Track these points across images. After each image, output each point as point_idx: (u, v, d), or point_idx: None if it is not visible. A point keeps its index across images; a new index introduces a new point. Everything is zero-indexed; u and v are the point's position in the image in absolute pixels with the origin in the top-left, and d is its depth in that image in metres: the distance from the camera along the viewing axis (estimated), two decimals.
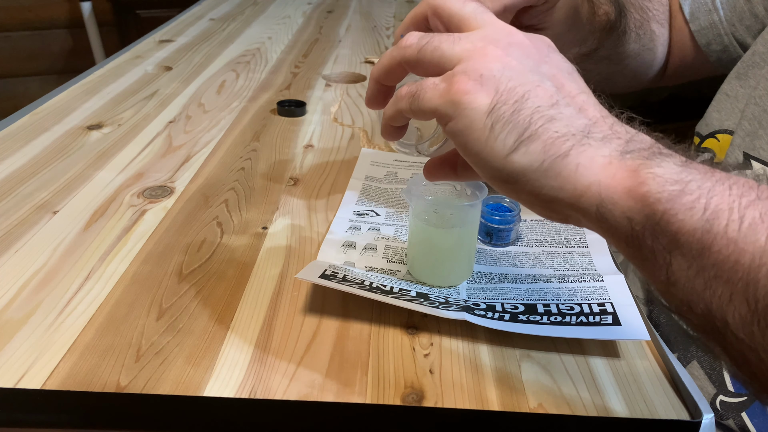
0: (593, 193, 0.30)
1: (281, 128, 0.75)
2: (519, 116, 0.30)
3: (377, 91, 0.38)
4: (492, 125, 0.31)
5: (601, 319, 0.41)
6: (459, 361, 0.39)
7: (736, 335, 0.27)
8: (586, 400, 0.37)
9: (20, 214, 0.54)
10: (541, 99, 0.31)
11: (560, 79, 0.33)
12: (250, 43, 1.11)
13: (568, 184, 0.30)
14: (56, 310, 0.42)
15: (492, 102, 0.31)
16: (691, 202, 0.27)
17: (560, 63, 0.34)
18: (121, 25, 2.09)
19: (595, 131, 0.31)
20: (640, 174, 0.29)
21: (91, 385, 0.36)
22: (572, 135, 0.30)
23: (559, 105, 0.31)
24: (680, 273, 0.28)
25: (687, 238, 0.27)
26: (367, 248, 0.51)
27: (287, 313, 0.43)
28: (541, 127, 0.30)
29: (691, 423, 0.35)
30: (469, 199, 0.47)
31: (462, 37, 0.33)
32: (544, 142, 0.30)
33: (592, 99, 0.33)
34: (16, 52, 2.13)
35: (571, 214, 0.31)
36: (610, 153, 0.30)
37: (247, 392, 0.36)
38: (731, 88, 0.58)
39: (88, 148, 0.67)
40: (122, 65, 0.96)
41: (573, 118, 0.31)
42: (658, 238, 0.28)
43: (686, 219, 0.27)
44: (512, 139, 0.30)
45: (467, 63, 0.32)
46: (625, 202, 0.29)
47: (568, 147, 0.30)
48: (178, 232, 0.52)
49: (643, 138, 0.31)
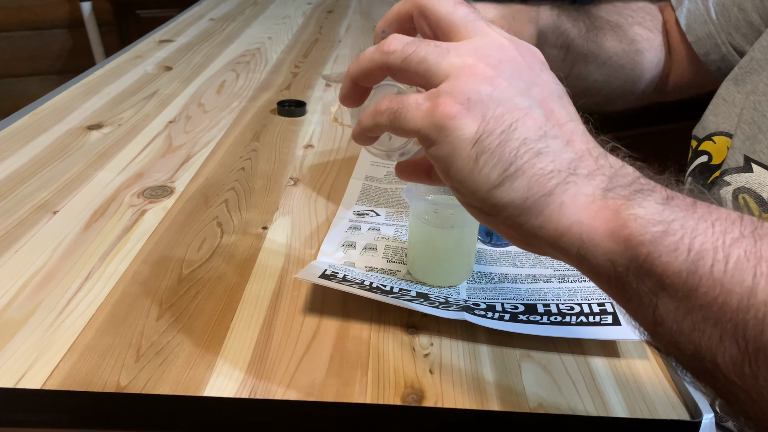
0: (574, 233, 0.29)
1: (281, 128, 0.75)
2: (505, 149, 0.29)
3: (353, 90, 0.36)
4: (477, 156, 0.29)
5: (601, 319, 0.42)
6: (459, 361, 0.39)
7: (727, 376, 0.27)
8: (586, 400, 0.37)
9: (20, 214, 0.54)
10: (529, 130, 0.30)
11: (550, 105, 0.31)
12: (250, 43, 1.11)
13: (550, 223, 0.29)
14: (56, 310, 0.42)
15: (478, 131, 0.29)
16: (675, 243, 0.27)
17: (551, 85, 0.32)
18: (121, 25, 2.09)
19: (581, 167, 0.30)
20: (621, 215, 0.28)
21: (91, 385, 0.36)
22: (558, 172, 0.29)
23: (546, 137, 0.30)
24: (667, 315, 0.28)
25: (672, 280, 0.27)
26: (367, 248, 0.51)
27: (287, 313, 0.43)
28: (526, 162, 0.29)
29: (691, 423, 0.35)
30: None
31: (450, 50, 0.31)
32: (529, 178, 0.29)
33: (580, 127, 0.32)
34: (16, 52, 2.13)
35: (550, 252, 0.31)
36: (593, 191, 0.29)
37: (247, 392, 0.36)
38: (728, 92, 0.58)
39: (88, 148, 0.67)
40: (122, 65, 0.96)
41: (560, 152, 0.30)
42: (642, 281, 0.28)
43: (671, 261, 0.27)
44: (496, 173, 0.29)
45: (454, 82, 0.30)
46: (606, 244, 0.28)
47: (552, 185, 0.29)
48: (178, 232, 0.52)
49: (626, 172, 0.30)
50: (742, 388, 0.27)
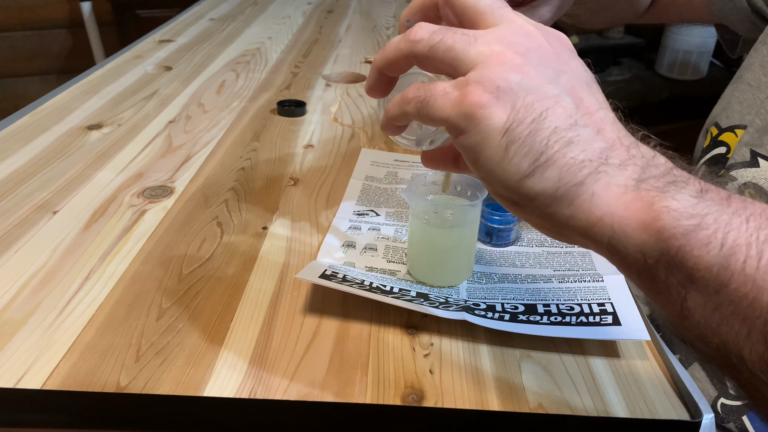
0: (605, 224, 0.28)
1: (281, 128, 0.75)
2: (536, 138, 0.29)
3: (379, 80, 0.36)
4: (507, 146, 0.29)
5: (601, 320, 0.42)
6: (459, 361, 0.39)
7: (752, 371, 0.27)
8: (586, 400, 0.37)
9: (20, 214, 0.54)
10: (560, 119, 0.29)
11: (579, 93, 0.31)
12: (250, 43, 1.11)
13: (581, 213, 0.29)
14: (56, 310, 0.42)
15: (508, 120, 0.29)
16: (708, 237, 0.26)
17: (580, 72, 0.32)
18: (121, 25, 2.09)
19: (612, 156, 0.29)
20: (654, 207, 0.27)
21: (91, 385, 0.36)
22: (589, 161, 0.29)
23: (577, 126, 0.29)
24: (695, 308, 0.27)
25: (703, 275, 0.27)
26: (367, 248, 0.51)
27: (287, 313, 0.43)
28: (557, 152, 0.29)
29: (691, 423, 0.35)
30: (469, 199, 0.47)
31: (478, 38, 0.31)
32: (560, 168, 0.29)
33: (610, 115, 0.31)
34: (16, 52, 2.13)
35: (580, 241, 0.30)
36: (625, 182, 0.29)
37: (247, 392, 0.36)
38: (754, 77, 0.56)
39: (88, 148, 0.67)
40: (122, 65, 0.96)
41: (591, 141, 0.29)
42: (672, 273, 0.27)
43: (702, 255, 0.26)
44: (527, 163, 0.29)
45: (483, 70, 0.30)
46: (638, 236, 0.28)
47: (584, 175, 0.29)
48: (178, 232, 0.52)
49: (659, 162, 0.30)
50: (767, 384, 0.27)
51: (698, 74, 2.45)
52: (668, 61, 2.46)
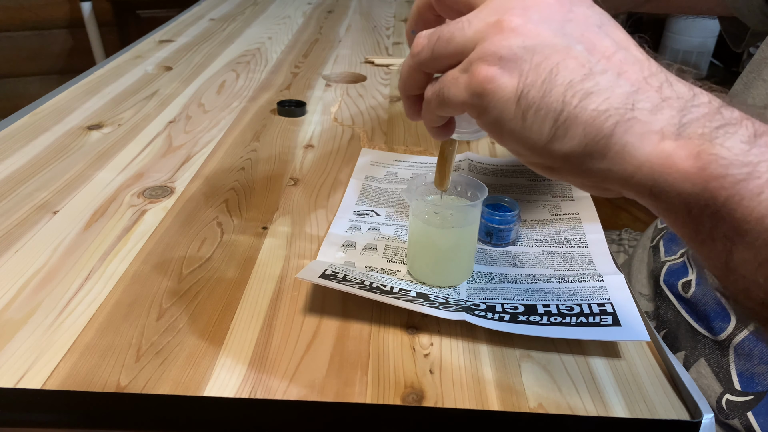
0: (645, 173, 0.27)
1: (281, 128, 0.75)
2: (550, 98, 0.27)
3: (411, 103, 0.36)
4: (523, 114, 0.28)
5: (601, 320, 0.41)
6: (459, 361, 0.39)
7: None
8: (586, 400, 0.37)
9: (20, 214, 0.54)
10: (572, 71, 0.28)
11: (590, 38, 0.29)
12: (250, 43, 1.11)
13: (616, 164, 0.27)
14: (56, 310, 0.42)
15: (518, 87, 0.28)
16: (760, 186, 0.25)
17: (587, 15, 0.30)
18: (121, 25, 2.09)
19: (641, 100, 0.27)
20: (701, 157, 0.25)
21: (91, 385, 0.36)
22: (615, 109, 0.27)
23: (593, 74, 0.28)
24: (743, 262, 0.26)
25: (753, 227, 0.25)
26: (367, 248, 0.51)
27: (287, 313, 0.43)
28: (577, 106, 0.27)
29: (691, 423, 0.35)
30: (469, 199, 0.47)
31: (472, 17, 0.30)
32: (584, 123, 0.27)
33: (631, 54, 0.29)
34: (16, 52, 2.13)
35: (625, 191, 0.29)
36: (662, 128, 0.26)
37: (247, 392, 0.36)
38: None
39: (88, 148, 0.67)
40: (122, 65, 0.96)
41: (613, 88, 0.27)
42: (718, 225, 0.26)
43: (754, 206, 0.25)
44: (548, 126, 0.28)
45: (483, 45, 0.29)
46: (681, 185, 0.26)
47: (611, 125, 0.27)
48: (178, 232, 0.52)
49: (701, 101, 0.27)
50: None
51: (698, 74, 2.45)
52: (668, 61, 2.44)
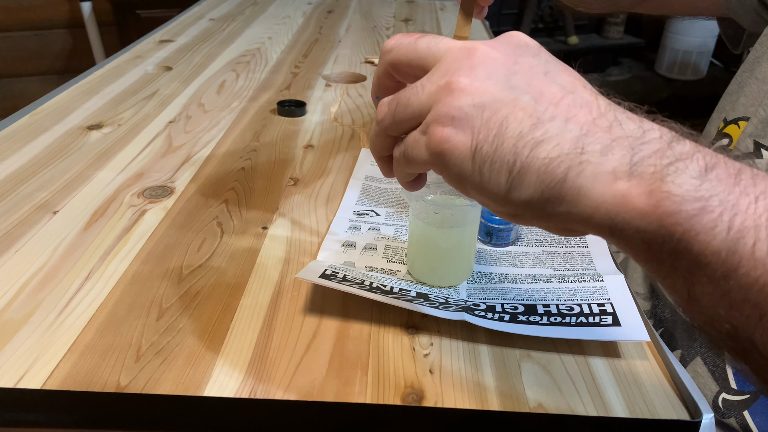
0: (602, 213, 0.28)
1: (281, 128, 0.75)
2: (503, 151, 0.29)
3: (384, 163, 0.37)
4: (480, 168, 0.29)
5: (600, 320, 0.42)
6: (459, 361, 0.39)
7: (764, 355, 0.26)
8: (586, 400, 0.37)
9: (20, 214, 0.54)
10: (521, 122, 0.29)
11: (537, 86, 0.30)
12: (250, 43, 1.11)
13: (574, 207, 0.28)
14: (56, 310, 0.42)
15: (472, 144, 0.29)
16: (713, 220, 0.25)
17: (532, 65, 0.31)
18: (121, 25, 2.09)
19: (590, 142, 0.28)
20: (654, 194, 0.26)
21: (91, 385, 0.36)
22: (566, 155, 0.28)
23: (542, 122, 0.29)
24: (704, 294, 0.26)
25: (710, 260, 0.25)
26: (367, 248, 0.51)
27: (287, 313, 0.43)
28: (528, 156, 0.28)
29: (691, 423, 0.35)
30: (470, 199, 0.47)
31: (425, 81, 0.32)
32: (537, 171, 0.28)
33: (579, 97, 0.30)
34: (16, 52, 2.13)
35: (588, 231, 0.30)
36: (613, 168, 0.27)
37: (247, 392, 0.36)
38: (761, 71, 0.55)
39: (88, 148, 0.67)
40: (122, 65, 0.96)
41: (562, 134, 0.28)
42: (678, 260, 0.26)
43: (709, 240, 0.25)
44: (504, 177, 0.29)
45: (437, 108, 0.31)
46: (638, 223, 0.27)
47: (563, 170, 0.28)
48: (178, 232, 0.52)
49: (651, 138, 0.28)
50: None
51: (698, 74, 2.45)
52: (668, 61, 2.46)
